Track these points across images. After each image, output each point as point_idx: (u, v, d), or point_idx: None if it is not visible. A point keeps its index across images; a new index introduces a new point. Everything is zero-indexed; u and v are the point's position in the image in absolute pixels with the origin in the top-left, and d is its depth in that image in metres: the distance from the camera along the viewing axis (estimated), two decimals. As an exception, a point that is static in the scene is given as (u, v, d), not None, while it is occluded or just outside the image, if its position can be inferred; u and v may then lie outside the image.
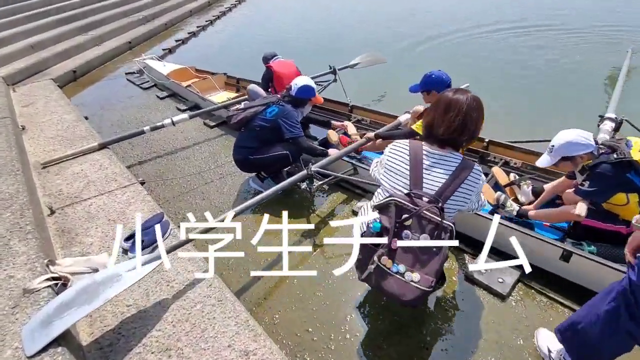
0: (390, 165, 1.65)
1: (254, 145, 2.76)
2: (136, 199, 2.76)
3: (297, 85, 2.73)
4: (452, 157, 1.58)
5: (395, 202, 1.54)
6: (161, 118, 4.64)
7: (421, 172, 1.57)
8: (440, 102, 1.60)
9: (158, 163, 3.67)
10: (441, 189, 1.55)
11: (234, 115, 2.75)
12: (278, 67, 3.61)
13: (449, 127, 1.55)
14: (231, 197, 3.05)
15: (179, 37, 9.18)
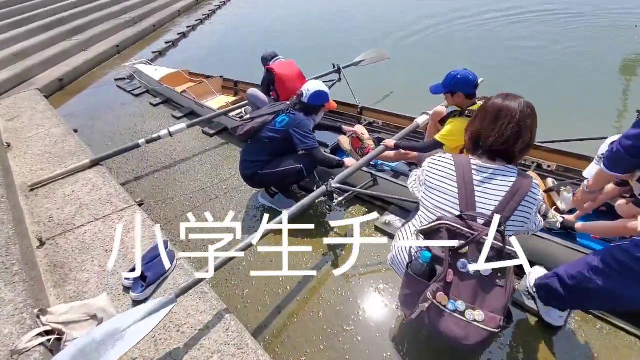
0: (434, 183, 1.44)
1: (263, 159, 2.50)
2: (135, 223, 2.49)
3: (309, 91, 2.47)
4: (506, 171, 1.36)
5: (447, 227, 1.31)
6: (156, 127, 4.38)
7: (472, 189, 1.35)
8: (489, 110, 1.39)
9: (156, 178, 3.40)
10: (498, 208, 1.33)
11: (241, 126, 2.48)
12: (280, 69, 3.33)
13: (500, 137, 1.34)
14: (239, 214, 2.79)
15: (168, 39, 8.83)
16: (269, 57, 3.59)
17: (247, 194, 3.00)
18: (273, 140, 2.45)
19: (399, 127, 3.42)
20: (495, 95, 1.43)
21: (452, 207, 1.37)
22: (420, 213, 1.53)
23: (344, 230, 2.53)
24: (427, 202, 1.46)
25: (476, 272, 1.28)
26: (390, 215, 2.53)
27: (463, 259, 1.28)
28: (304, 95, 2.48)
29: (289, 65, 3.44)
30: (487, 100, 1.44)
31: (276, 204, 2.73)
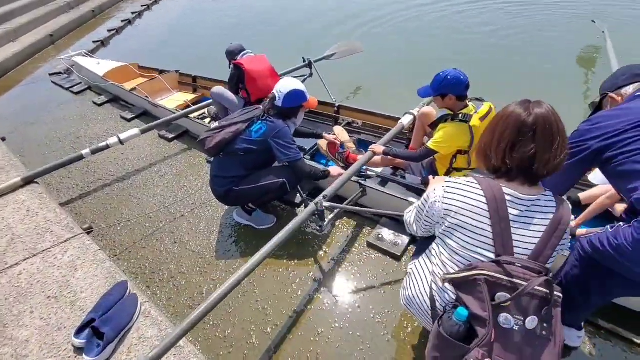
0: (459, 220, 1.17)
1: (238, 174, 2.16)
2: (83, 257, 2.07)
3: (282, 93, 2.14)
4: (544, 200, 1.14)
5: (486, 278, 1.08)
6: (103, 131, 3.82)
7: (509, 228, 1.12)
8: (539, 130, 1.08)
9: (107, 195, 2.91)
10: (538, 249, 1.12)
11: (209, 137, 2.11)
12: (250, 65, 2.95)
13: (554, 159, 1.09)
14: (212, 237, 2.43)
15: (111, 27, 7.91)
16: (236, 51, 3.19)
17: (218, 210, 2.64)
18: (249, 152, 2.12)
19: (380, 127, 3.20)
20: (518, 105, 1.14)
21: (485, 249, 1.14)
22: (440, 250, 1.29)
23: (334, 248, 2.27)
24: (451, 242, 1.22)
25: (521, 327, 1.07)
26: (382, 228, 2.31)
27: (505, 313, 1.07)
28: (277, 97, 2.15)
29: (259, 60, 3.06)
30: (524, 113, 1.10)
31: (254, 221, 2.41)
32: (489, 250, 1.13)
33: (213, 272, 2.18)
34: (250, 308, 1.96)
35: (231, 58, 3.19)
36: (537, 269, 1.08)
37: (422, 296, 1.34)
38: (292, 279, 2.09)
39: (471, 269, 1.12)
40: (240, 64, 2.95)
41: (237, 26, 7.76)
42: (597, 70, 4.64)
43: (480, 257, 1.14)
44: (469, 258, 1.17)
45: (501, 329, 1.06)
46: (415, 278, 1.41)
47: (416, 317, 1.45)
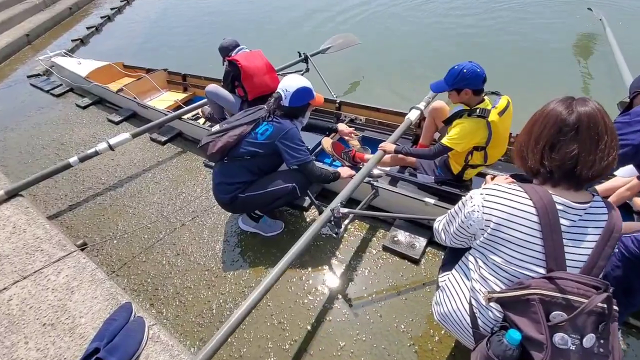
0: (504, 232, 1.06)
1: (245, 179, 2.01)
2: (80, 277, 1.91)
3: (288, 92, 2.00)
4: (596, 207, 1.04)
5: (540, 297, 0.97)
6: (89, 136, 3.61)
7: (561, 240, 1.00)
8: (583, 127, 0.98)
9: (99, 205, 2.73)
10: (592, 260, 1.01)
11: (211, 142, 1.95)
12: (245, 61, 2.79)
13: (600, 161, 0.98)
14: (217, 246, 2.29)
15: (90, 24, 7.55)
16: (230, 47, 3.01)
17: (221, 217, 2.49)
18: (255, 156, 1.97)
19: (385, 123, 3.08)
20: (559, 102, 1.03)
21: (535, 264, 1.03)
22: (479, 264, 1.17)
23: (348, 254, 2.16)
24: (494, 256, 1.10)
25: (578, 346, 0.97)
26: (397, 230, 2.20)
27: (560, 333, 0.96)
28: (284, 97, 2.01)
29: (255, 56, 2.90)
30: (565, 111, 1.00)
31: (262, 228, 2.27)
32: (539, 265, 1.02)
33: (222, 285, 2.04)
34: (265, 323, 1.84)
35: (225, 54, 3.02)
36: (593, 284, 0.97)
37: (461, 313, 1.23)
38: (307, 289, 1.97)
39: (522, 287, 1.00)
40: (236, 61, 2.78)
41: (225, 20, 7.51)
42: (594, 58, 4.60)
43: (529, 273, 1.03)
44: (516, 274, 1.05)
45: (557, 349, 0.95)
46: (451, 293, 1.30)
47: (453, 334, 1.34)
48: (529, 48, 4.88)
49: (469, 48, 5.07)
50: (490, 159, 2.16)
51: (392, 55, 5.09)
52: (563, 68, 4.38)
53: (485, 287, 1.13)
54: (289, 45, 5.24)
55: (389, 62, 4.91)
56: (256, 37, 6.28)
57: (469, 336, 1.22)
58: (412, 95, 3.87)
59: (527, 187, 1.06)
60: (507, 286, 1.07)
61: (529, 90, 3.74)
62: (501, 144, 2.13)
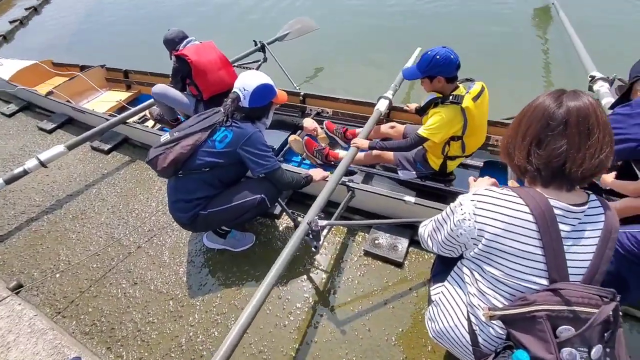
0: (498, 242, 0.96)
1: (205, 194, 1.76)
2: (16, 330, 1.61)
3: (247, 91, 1.74)
4: (592, 208, 0.96)
5: (547, 313, 0.88)
6: (17, 150, 3.13)
7: (562, 248, 0.92)
8: (571, 123, 0.90)
9: (35, 233, 2.35)
10: (594, 265, 0.94)
11: (160, 155, 1.67)
12: (196, 56, 2.47)
13: (591, 159, 0.89)
14: (180, 269, 2.03)
15: (13, 17, 6.64)
16: (177, 39, 2.65)
17: (183, 235, 2.22)
18: (215, 167, 1.72)
19: (353, 115, 2.90)
20: (548, 95, 0.95)
21: (536, 276, 0.94)
22: (475, 278, 1.07)
23: (328, 263, 1.99)
24: (491, 269, 1.00)
25: (586, 359, 0.89)
26: (377, 232, 2.06)
27: (568, 348, 0.88)
28: (242, 97, 1.76)
29: (206, 48, 2.58)
30: (553, 104, 0.93)
31: (231, 244, 2.05)
32: (541, 277, 0.94)
33: (190, 315, 1.81)
34: (243, 354, 1.64)
35: (171, 48, 2.67)
36: (599, 294, 0.90)
37: (459, 330, 1.14)
38: (287, 310, 1.79)
39: (527, 303, 0.91)
40: (184, 56, 2.46)
41: (166, 8, 6.88)
42: (551, 42, 4.61)
43: (531, 286, 0.95)
44: (518, 287, 0.96)
45: None
46: (446, 309, 1.20)
47: (450, 351, 1.24)
48: (486, 35, 4.87)
49: (426, 28, 4.98)
50: (468, 149, 2.06)
51: (351, 40, 4.89)
52: (519, 53, 4.39)
53: (485, 302, 1.04)
54: (241, 33, 4.86)
55: (349, 47, 4.71)
56: (202, 26, 5.80)
57: (469, 354, 1.14)
58: (377, 81, 3.73)
59: (522, 191, 0.96)
60: (508, 300, 0.99)
61: (495, 78, 3.72)
62: (478, 132, 2.03)
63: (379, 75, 3.87)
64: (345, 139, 2.69)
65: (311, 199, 2.23)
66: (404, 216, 2.04)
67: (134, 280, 1.99)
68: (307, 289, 1.88)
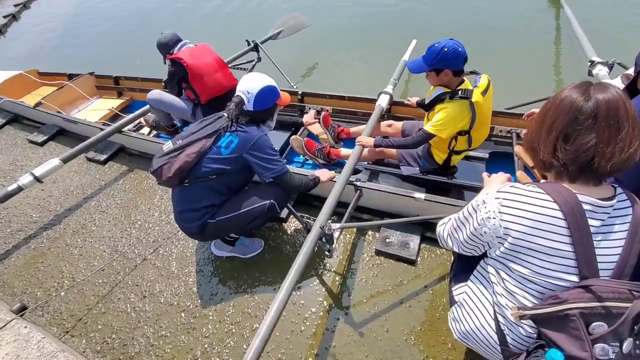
0: (525, 240, 0.94)
1: (213, 202, 1.72)
2: (25, 355, 1.55)
3: (251, 93, 1.70)
4: (620, 202, 0.94)
5: (581, 311, 0.86)
6: (7, 165, 3.04)
7: (592, 244, 0.90)
8: (602, 115, 0.88)
9: (35, 250, 2.28)
10: (623, 259, 0.92)
11: (165, 165, 1.62)
12: (192, 59, 2.40)
13: (621, 152, 0.88)
14: (189, 280, 1.99)
15: (-10, 26, 6.45)
16: (170, 43, 2.58)
17: (189, 243, 2.17)
18: (222, 174, 1.68)
19: (353, 112, 2.87)
20: (574, 88, 0.93)
21: (566, 272, 0.92)
22: (501, 277, 1.05)
23: (340, 265, 1.96)
24: (518, 267, 0.98)
25: (618, 354, 0.89)
26: (387, 230, 2.04)
27: (601, 344, 0.87)
28: (246, 100, 1.71)
29: (202, 51, 2.51)
30: (580, 98, 0.90)
31: (240, 251, 2.01)
32: (571, 274, 0.92)
33: (203, 327, 1.77)
34: (262, 363, 1.61)
35: (166, 52, 2.60)
36: (628, 289, 0.88)
37: (486, 331, 1.12)
38: (303, 314, 1.76)
39: (559, 302, 0.89)
40: (180, 59, 2.39)
41: (153, 11, 6.73)
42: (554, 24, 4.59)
43: (561, 283, 0.93)
44: (547, 285, 0.94)
45: None
46: (472, 310, 1.18)
47: (476, 351, 1.23)
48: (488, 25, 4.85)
49: (418, 19, 4.95)
50: (474, 143, 2.05)
51: (345, 33, 4.84)
52: (518, 42, 4.38)
53: (513, 301, 1.02)
54: (232, 33, 4.79)
55: (343, 41, 4.66)
56: (191, 28, 5.69)
57: (497, 354, 1.12)
58: (373, 75, 3.70)
59: (548, 187, 0.94)
60: (538, 299, 0.97)
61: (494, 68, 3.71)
62: (485, 125, 2.02)
63: (375, 69, 3.84)
64: (328, 159, 2.57)
65: (318, 200, 2.22)
66: (413, 213, 2.02)
67: (143, 293, 1.94)
68: (320, 292, 1.85)
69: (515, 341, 1.05)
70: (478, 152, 2.45)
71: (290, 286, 1.40)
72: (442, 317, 1.67)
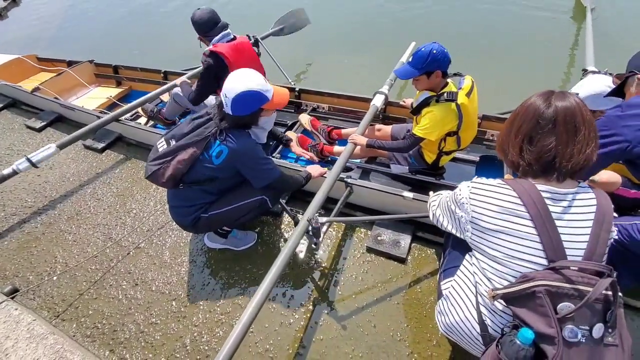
0: (495, 224, 1.05)
1: (206, 200, 1.74)
2: (14, 336, 1.57)
3: (228, 98, 1.55)
4: (583, 192, 1.04)
5: (546, 289, 0.94)
6: (4, 149, 3.04)
7: (555, 227, 0.99)
8: (560, 120, 1.00)
9: (29, 234, 2.29)
10: (590, 247, 0.99)
11: (159, 169, 1.59)
12: (235, 56, 2.28)
13: (579, 154, 0.99)
14: (182, 269, 2.01)
15: (-10, 9, 6.39)
16: (210, 24, 2.39)
17: (183, 234, 2.20)
18: (215, 180, 1.68)
19: (349, 110, 2.90)
20: (539, 96, 1.06)
21: (535, 255, 1.00)
22: (481, 266, 1.12)
23: (330, 261, 2.00)
24: (491, 251, 1.07)
25: (587, 337, 0.94)
26: (379, 228, 2.08)
27: (570, 325, 0.93)
28: (225, 105, 1.59)
29: (242, 49, 2.40)
30: (542, 105, 1.03)
31: (232, 243, 2.03)
32: (539, 256, 0.99)
33: (194, 316, 1.80)
34: (249, 353, 1.64)
35: (204, 33, 2.43)
36: (596, 270, 0.95)
37: (469, 322, 1.18)
38: (292, 308, 1.80)
39: (526, 280, 0.98)
40: (221, 54, 2.29)
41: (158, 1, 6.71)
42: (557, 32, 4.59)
43: (532, 266, 1.00)
44: (518, 269, 1.02)
45: (567, 343, 0.92)
46: (457, 302, 1.23)
47: (459, 344, 1.28)
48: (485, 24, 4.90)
49: (416, 21, 4.98)
50: (463, 143, 2.09)
51: (345, 33, 4.86)
52: (512, 46, 4.43)
53: (490, 287, 1.09)
54: (234, 28, 4.78)
55: (343, 40, 4.69)
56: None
57: (479, 345, 1.18)
58: (371, 75, 3.73)
59: (510, 181, 1.06)
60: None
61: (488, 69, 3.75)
62: (472, 126, 2.07)
63: (373, 69, 3.87)
64: (329, 139, 2.64)
65: (310, 196, 2.24)
66: (403, 211, 2.06)
67: (135, 281, 1.96)
68: (311, 286, 1.88)
69: (494, 328, 1.10)
70: (469, 155, 2.49)
71: (275, 275, 1.43)
72: (428, 315, 1.71)
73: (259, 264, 1.99)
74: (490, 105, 2.71)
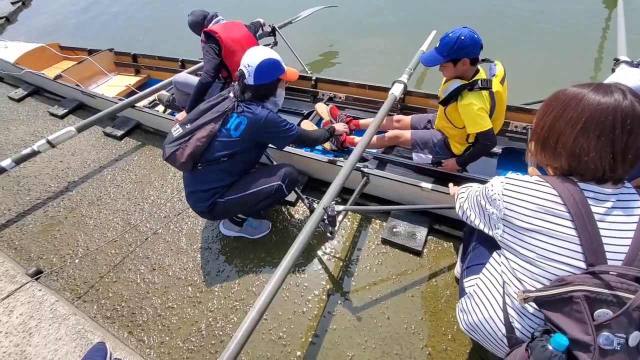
0: (530, 223, 0.97)
1: (223, 183, 1.75)
2: (38, 315, 1.63)
3: (251, 67, 1.67)
4: (627, 192, 0.96)
5: (586, 294, 0.87)
6: (29, 135, 3.12)
7: (597, 229, 0.91)
8: (618, 122, 0.89)
9: (52, 218, 2.36)
10: (633, 250, 0.91)
11: (177, 150, 1.63)
12: (225, 33, 2.38)
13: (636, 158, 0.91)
14: (197, 256, 2.04)
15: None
16: (201, 18, 2.58)
17: (199, 221, 2.22)
18: (234, 156, 1.70)
19: (366, 100, 2.85)
20: (593, 89, 0.93)
21: (573, 258, 0.93)
22: (511, 266, 1.05)
23: (345, 251, 1.99)
24: (524, 251, 1.00)
25: (623, 345, 0.88)
26: (395, 220, 2.05)
27: (606, 332, 0.87)
28: (247, 74, 1.69)
29: (235, 28, 2.49)
30: (622, 100, 0.89)
31: (247, 232, 2.04)
32: (578, 259, 0.92)
33: (209, 301, 1.82)
34: (263, 340, 1.66)
35: (198, 29, 2.59)
36: (636, 276, 0.88)
37: (494, 322, 1.12)
38: (305, 296, 1.80)
39: (564, 284, 0.91)
40: (213, 32, 2.38)
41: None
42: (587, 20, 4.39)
43: (568, 269, 0.93)
44: (553, 270, 0.95)
45: (601, 351, 0.87)
46: (481, 301, 1.18)
47: (481, 343, 1.23)
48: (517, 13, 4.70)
49: (439, 7, 4.82)
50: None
51: (363, 22, 4.76)
52: (543, 34, 4.24)
53: (521, 289, 1.03)
54: (249, 17, 4.76)
55: (361, 29, 4.59)
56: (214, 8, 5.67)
57: (503, 347, 1.13)
58: (390, 64, 3.65)
59: (548, 178, 0.99)
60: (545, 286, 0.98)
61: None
62: (502, 114, 2.00)
63: (393, 58, 3.78)
64: (341, 148, 2.56)
65: (326, 185, 2.22)
66: (420, 203, 2.02)
67: (152, 266, 2.00)
68: (324, 276, 1.88)
69: (522, 331, 1.06)
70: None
71: (290, 262, 1.42)
72: (444, 309, 1.68)
73: (273, 253, 2.00)
74: (516, 95, 2.61)
